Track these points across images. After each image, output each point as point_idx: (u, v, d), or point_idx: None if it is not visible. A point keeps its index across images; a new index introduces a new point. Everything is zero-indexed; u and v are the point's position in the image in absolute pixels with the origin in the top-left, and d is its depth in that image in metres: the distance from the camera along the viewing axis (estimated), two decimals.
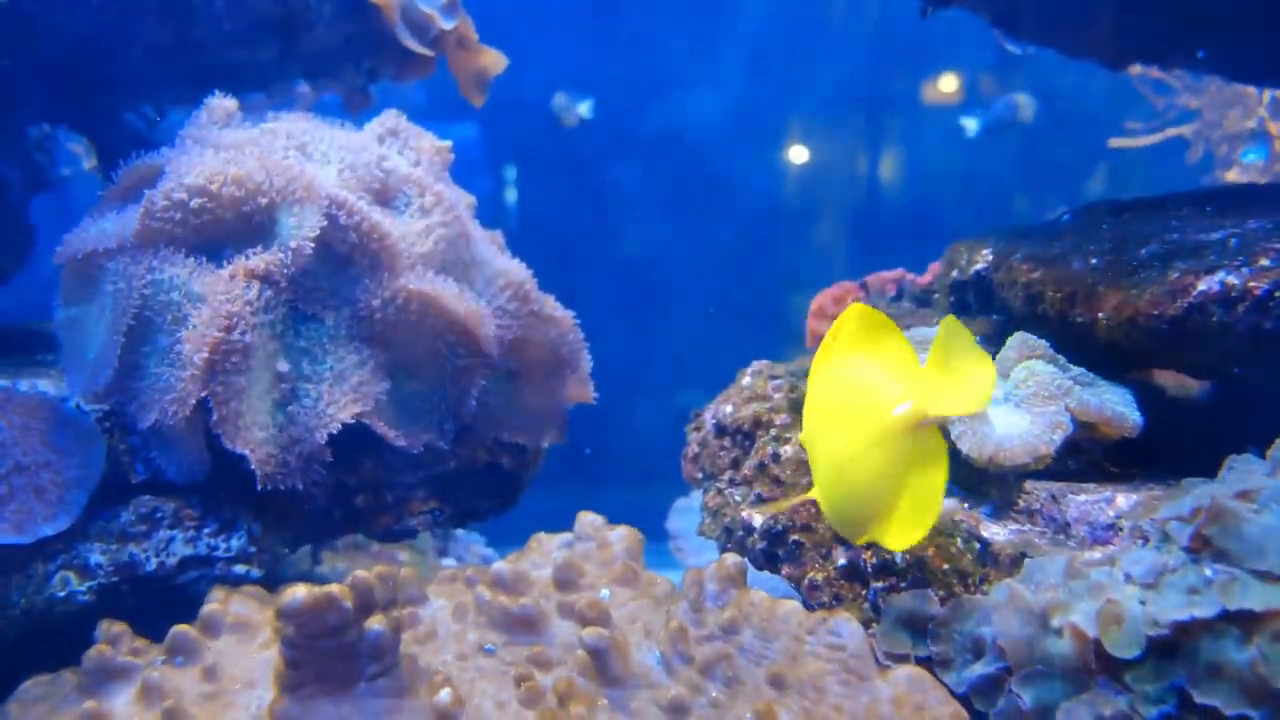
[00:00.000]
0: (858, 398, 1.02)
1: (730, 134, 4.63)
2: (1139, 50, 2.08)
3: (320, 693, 0.98)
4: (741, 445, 1.57)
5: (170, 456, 1.39)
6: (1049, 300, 1.39)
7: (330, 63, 2.10)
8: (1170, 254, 1.27)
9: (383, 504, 1.60)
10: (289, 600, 0.94)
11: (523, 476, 1.78)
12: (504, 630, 1.15)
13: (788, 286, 4.34)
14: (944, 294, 1.80)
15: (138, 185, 1.50)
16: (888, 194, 4.65)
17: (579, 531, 1.32)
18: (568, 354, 1.67)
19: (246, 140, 1.50)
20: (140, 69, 1.90)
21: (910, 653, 1.14)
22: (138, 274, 1.35)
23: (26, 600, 1.31)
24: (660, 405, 4.06)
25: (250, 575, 1.42)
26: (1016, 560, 1.15)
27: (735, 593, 1.15)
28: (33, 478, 1.32)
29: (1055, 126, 4.26)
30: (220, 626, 1.21)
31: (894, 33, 4.52)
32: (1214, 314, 1.16)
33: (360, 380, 1.42)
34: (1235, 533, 0.95)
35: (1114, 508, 1.17)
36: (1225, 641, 0.91)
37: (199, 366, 1.28)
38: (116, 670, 1.14)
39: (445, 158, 1.70)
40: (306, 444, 1.37)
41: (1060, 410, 1.24)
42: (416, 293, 1.44)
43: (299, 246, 1.37)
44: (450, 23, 2.09)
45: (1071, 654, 0.99)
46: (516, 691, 1.05)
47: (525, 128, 4.32)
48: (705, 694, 1.04)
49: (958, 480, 1.29)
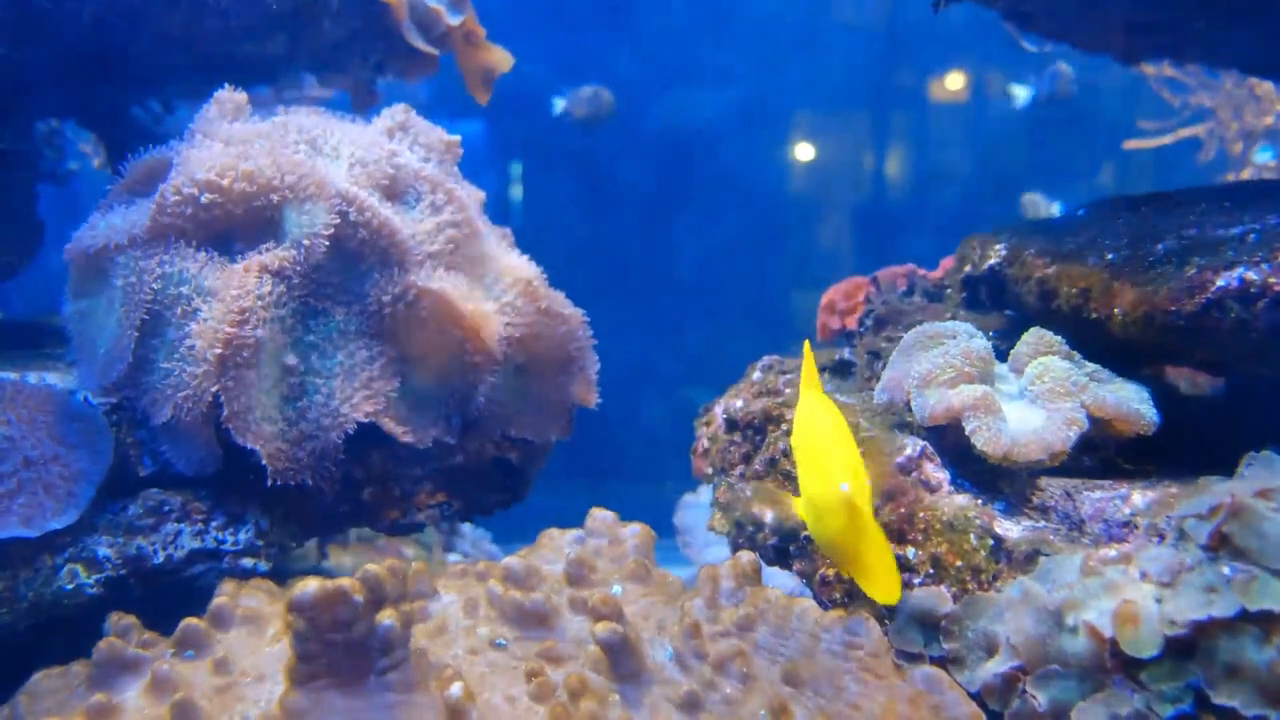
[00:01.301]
0: (822, 460, 1.15)
1: (738, 129, 4.61)
2: (1152, 44, 2.07)
3: (331, 686, 0.97)
4: (752, 440, 1.56)
5: (181, 450, 1.38)
6: (1064, 296, 1.38)
7: (337, 57, 2.10)
8: (1188, 249, 1.26)
9: (390, 498, 1.59)
10: (300, 593, 0.94)
11: (530, 471, 1.77)
12: (515, 625, 1.14)
13: (798, 281, 4.33)
14: (956, 289, 1.79)
15: (146, 179, 1.49)
16: (897, 189, 4.64)
17: (590, 527, 1.31)
18: (576, 351, 1.67)
19: (256, 134, 1.49)
20: (148, 62, 1.89)
21: (923, 651, 1.13)
22: (149, 268, 1.35)
23: (35, 593, 1.30)
24: (667, 401, 4.06)
25: (258, 569, 1.42)
26: (1031, 557, 1.14)
27: (750, 589, 1.15)
28: (41, 471, 1.32)
29: (1067, 123, 4.24)
30: (230, 619, 1.20)
31: (905, 28, 4.50)
32: (1232, 310, 1.15)
33: (371, 377, 1.42)
34: (1255, 531, 0.94)
35: (1129, 505, 1.16)
36: (1244, 641, 0.90)
37: (212, 362, 1.28)
38: (127, 663, 1.13)
39: (455, 153, 1.69)
40: (320, 442, 1.37)
41: (1076, 406, 1.23)
42: (426, 290, 1.43)
43: (312, 243, 1.36)
44: (457, 19, 2.09)
45: (1087, 653, 0.98)
46: (528, 686, 1.04)
47: (531, 124, 4.32)
48: (719, 690, 1.03)
49: (971, 476, 1.28)
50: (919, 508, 1.25)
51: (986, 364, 1.32)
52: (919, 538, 1.23)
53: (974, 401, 1.23)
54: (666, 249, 4.68)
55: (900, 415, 1.39)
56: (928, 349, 1.36)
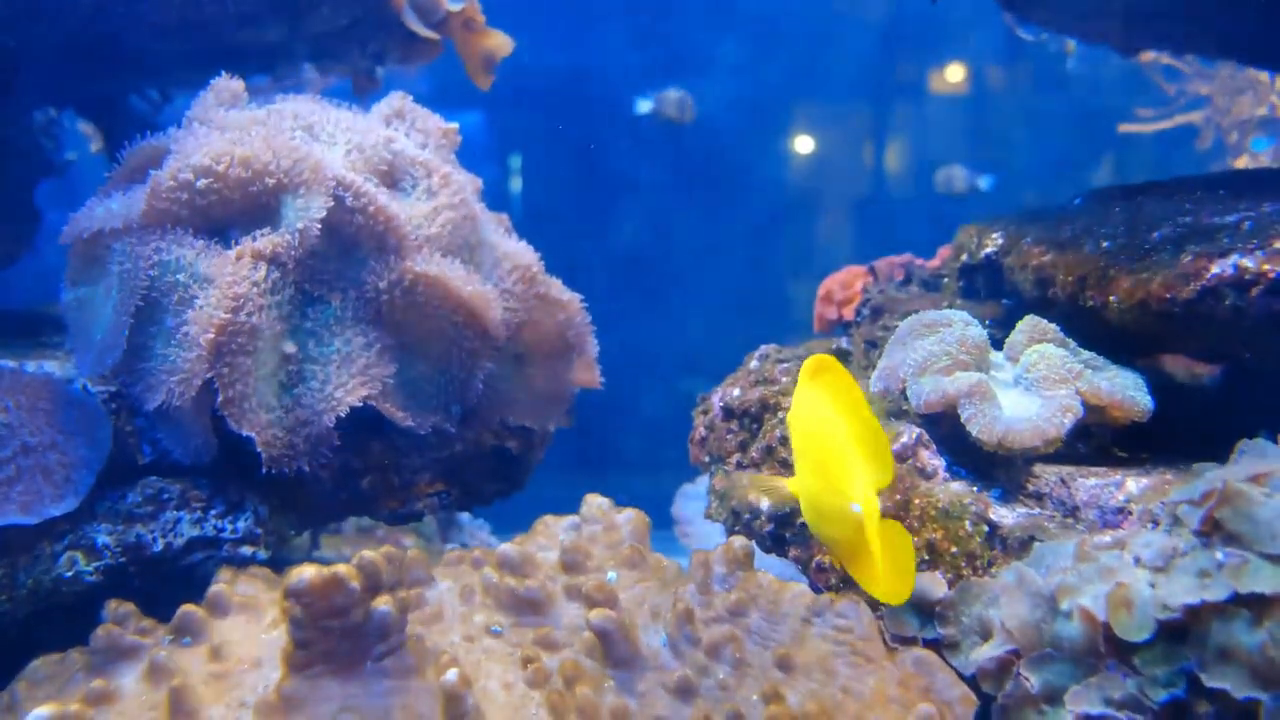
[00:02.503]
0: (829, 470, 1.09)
1: (736, 120, 4.60)
2: (1150, 34, 2.07)
3: (327, 672, 0.98)
4: (749, 428, 1.56)
5: (177, 438, 1.39)
6: (1060, 284, 1.38)
7: (336, 44, 2.09)
8: (1183, 237, 1.26)
9: (389, 486, 1.60)
10: (296, 580, 0.94)
11: (529, 460, 1.77)
12: (511, 612, 1.15)
13: (795, 271, 4.33)
14: (953, 278, 1.79)
15: (143, 167, 1.49)
16: (895, 179, 4.63)
17: (585, 514, 1.31)
18: (574, 338, 1.67)
19: (253, 121, 1.49)
20: (146, 50, 1.89)
21: (918, 635, 1.14)
22: (145, 254, 1.35)
23: (34, 580, 1.31)
24: (665, 391, 4.06)
25: (257, 557, 1.42)
26: (1025, 543, 1.15)
27: (743, 575, 1.15)
28: (40, 459, 1.32)
29: (1064, 113, 4.23)
30: (228, 607, 1.20)
31: (903, 19, 4.49)
32: (1227, 297, 1.16)
33: (367, 363, 1.42)
34: (1247, 516, 0.94)
35: (1124, 491, 1.17)
36: (1236, 625, 0.91)
37: (205, 348, 1.28)
38: (124, 650, 1.14)
39: (453, 139, 1.69)
40: (314, 427, 1.37)
41: (1070, 394, 1.23)
42: (423, 275, 1.43)
43: (306, 228, 1.36)
44: (457, 4, 2.08)
45: (1080, 637, 0.99)
46: (523, 672, 1.04)
47: (530, 113, 4.31)
48: (712, 676, 1.04)
49: (967, 463, 1.28)
50: (915, 494, 1.25)
51: (982, 352, 1.33)
52: (915, 524, 1.23)
53: (969, 389, 1.23)
54: (665, 239, 4.67)
55: (896, 403, 1.39)
56: (923, 337, 1.36)
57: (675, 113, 3.80)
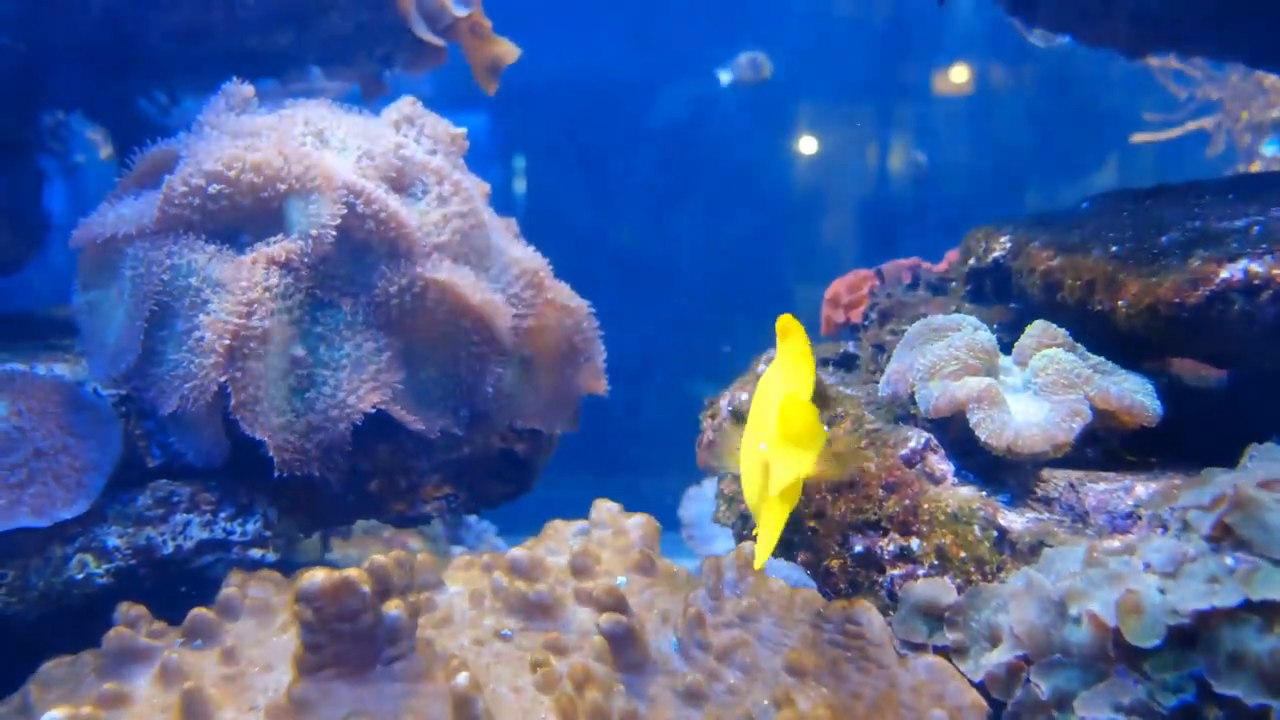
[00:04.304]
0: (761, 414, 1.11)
1: (743, 122, 4.61)
2: (1158, 37, 2.06)
3: (338, 676, 0.98)
4: None
5: (189, 441, 1.39)
6: (1068, 288, 1.38)
7: (344, 50, 2.10)
8: (1192, 242, 1.26)
9: (397, 490, 1.60)
10: (307, 584, 0.95)
11: (536, 463, 1.78)
12: (521, 615, 1.15)
13: (802, 275, 4.33)
14: (961, 282, 1.79)
15: (154, 171, 1.50)
16: (902, 182, 4.63)
17: (595, 519, 1.32)
18: (582, 342, 1.67)
19: (264, 127, 1.50)
20: (156, 54, 1.90)
21: (928, 641, 1.14)
22: (157, 259, 1.35)
23: (45, 583, 1.31)
24: (671, 395, 4.06)
25: (266, 559, 1.43)
26: (1034, 548, 1.14)
27: (754, 580, 1.15)
28: (51, 462, 1.33)
29: (1071, 117, 4.23)
30: (238, 609, 1.21)
31: (909, 21, 4.49)
32: (1236, 302, 1.15)
33: (378, 368, 1.42)
34: (1258, 522, 0.94)
35: (1133, 496, 1.16)
36: (1246, 631, 0.91)
37: (220, 353, 1.29)
38: (136, 652, 1.14)
39: (461, 145, 1.70)
40: (328, 433, 1.37)
41: (1079, 398, 1.23)
42: (433, 281, 1.44)
43: (319, 235, 1.37)
44: (464, 10, 2.09)
45: (1090, 643, 0.99)
46: (533, 676, 1.05)
47: (536, 117, 4.31)
48: (723, 681, 1.04)
49: (975, 468, 1.28)
50: (923, 499, 1.25)
51: (990, 356, 1.33)
52: (923, 529, 1.23)
53: (978, 394, 1.23)
54: (672, 243, 4.67)
55: (904, 408, 1.39)
56: (932, 342, 1.36)
57: (751, 74, 3.84)
